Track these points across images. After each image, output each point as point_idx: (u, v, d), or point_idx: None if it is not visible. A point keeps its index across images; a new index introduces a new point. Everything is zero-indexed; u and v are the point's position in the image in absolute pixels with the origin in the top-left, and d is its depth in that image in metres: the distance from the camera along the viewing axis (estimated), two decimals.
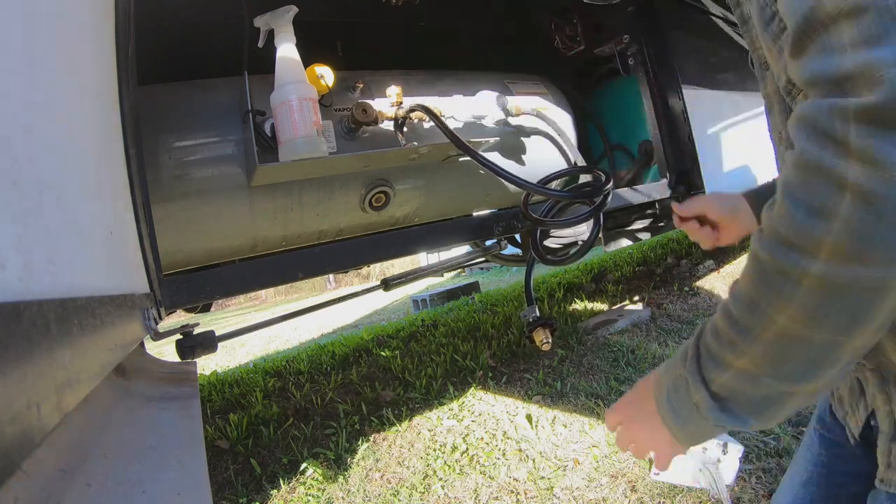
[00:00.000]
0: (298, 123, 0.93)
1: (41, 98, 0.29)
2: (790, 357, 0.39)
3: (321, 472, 1.72)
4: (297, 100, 0.93)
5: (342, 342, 3.49)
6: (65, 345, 0.23)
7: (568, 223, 1.28)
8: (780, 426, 1.50)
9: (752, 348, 0.40)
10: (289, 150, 0.96)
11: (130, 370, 0.61)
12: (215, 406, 2.52)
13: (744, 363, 0.41)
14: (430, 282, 6.79)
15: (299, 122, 0.94)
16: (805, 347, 0.38)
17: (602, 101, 1.95)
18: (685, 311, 2.66)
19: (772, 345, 0.39)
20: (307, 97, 0.95)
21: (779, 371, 0.40)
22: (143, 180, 0.79)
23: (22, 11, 0.28)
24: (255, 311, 10.98)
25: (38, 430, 0.19)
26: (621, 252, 4.58)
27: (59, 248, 0.27)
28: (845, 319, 0.36)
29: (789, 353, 0.39)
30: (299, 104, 0.93)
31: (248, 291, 1.04)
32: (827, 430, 0.63)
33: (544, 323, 1.41)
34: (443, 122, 1.11)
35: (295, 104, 0.93)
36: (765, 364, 0.40)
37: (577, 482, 1.46)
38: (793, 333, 0.38)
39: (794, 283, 0.36)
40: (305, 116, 0.93)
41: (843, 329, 0.36)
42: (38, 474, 0.28)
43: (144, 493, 0.38)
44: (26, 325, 0.19)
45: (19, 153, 0.23)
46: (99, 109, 0.52)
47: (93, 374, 0.29)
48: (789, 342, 0.38)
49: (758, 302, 0.39)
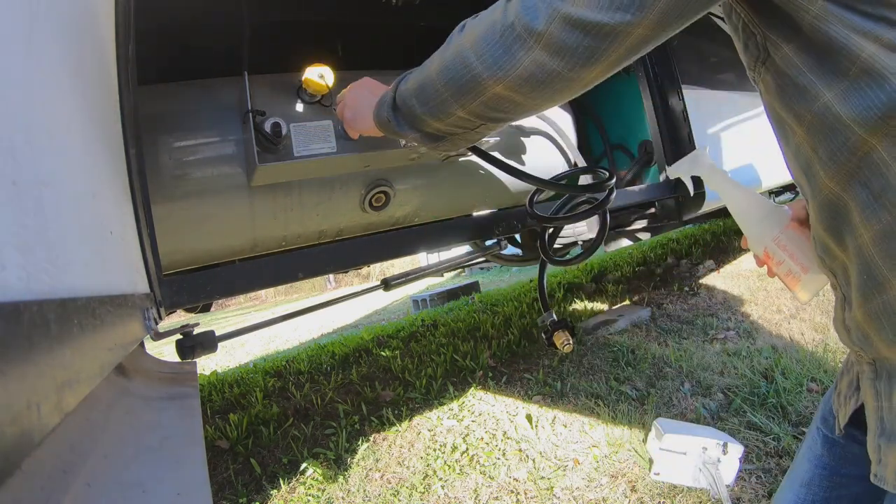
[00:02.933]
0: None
1: (41, 97, 0.29)
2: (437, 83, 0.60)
3: (321, 472, 1.72)
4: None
5: (342, 342, 3.50)
6: (65, 345, 0.23)
7: (576, 219, 1.26)
8: (780, 426, 1.50)
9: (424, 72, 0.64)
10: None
11: (130, 370, 0.61)
12: (215, 406, 2.52)
13: (412, 83, 0.65)
14: (430, 282, 6.79)
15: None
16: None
17: (602, 101, 1.95)
18: (685, 311, 2.66)
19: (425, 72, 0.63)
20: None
21: (420, 96, 0.63)
22: (143, 180, 0.79)
23: (22, 11, 0.28)
24: (255, 311, 10.98)
25: (38, 430, 0.19)
26: (621, 252, 4.58)
27: (59, 248, 0.27)
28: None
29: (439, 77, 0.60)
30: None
31: (248, 291, 1.04)
32: (830, 430, 0.62)
33: (563, 325, 1.40)
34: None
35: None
36: (415, 87, 0.64)
37: (577, 482, 1.46)
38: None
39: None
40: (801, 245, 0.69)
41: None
42: (38, 474, 0.28)
43: (144, 493, 0.37)
44: (26, 325, 0.19)
45: (19, 152, 0.23)
46: (99, 109, 0.52)
47: (93, 374, 0.29)
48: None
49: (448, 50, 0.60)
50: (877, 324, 0.45)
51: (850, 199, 0.44)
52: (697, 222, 4.55)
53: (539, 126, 1.57)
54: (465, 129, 0.64)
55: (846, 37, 0.40)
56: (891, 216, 0.41)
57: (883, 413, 0.46)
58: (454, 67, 0.58)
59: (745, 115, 1.90)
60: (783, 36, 0.45)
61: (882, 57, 0.39)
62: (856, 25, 0.40)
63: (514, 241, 2.01)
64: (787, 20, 0.44)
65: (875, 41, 0.39)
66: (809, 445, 0.66)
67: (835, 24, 0.40)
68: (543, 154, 1.59)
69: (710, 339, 2.27)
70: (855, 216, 0.44)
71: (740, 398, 1.69)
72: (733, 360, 2.00)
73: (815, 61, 0.43)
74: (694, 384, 1.88)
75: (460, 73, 0.57)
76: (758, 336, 2.20)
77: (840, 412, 0.58)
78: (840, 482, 0.61)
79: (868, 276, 0.44)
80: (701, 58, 1.79)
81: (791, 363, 1.87)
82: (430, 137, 0.68)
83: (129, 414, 0.49)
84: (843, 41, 0.40)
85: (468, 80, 0.57)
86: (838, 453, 0.61)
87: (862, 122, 0.41)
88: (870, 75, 0.40)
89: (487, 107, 0.58)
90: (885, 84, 0.39)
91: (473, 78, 0.56)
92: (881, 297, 0.44)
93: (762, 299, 2.61)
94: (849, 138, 0.42)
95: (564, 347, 1.39)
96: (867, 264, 0.44)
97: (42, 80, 0.30)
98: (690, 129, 1.64)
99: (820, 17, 0.41)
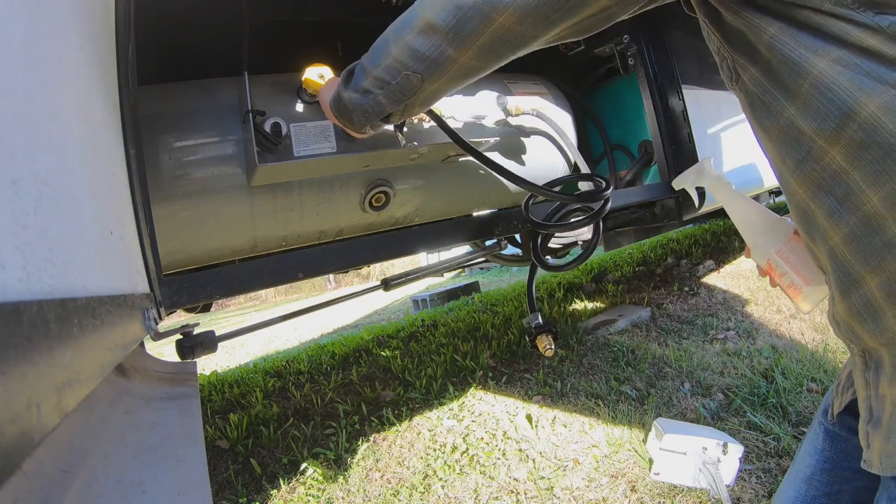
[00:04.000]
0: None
1: (41, 97, 0.29)
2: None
3: (321, 472, 1.72)
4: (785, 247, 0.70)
5: (342, 342, 3.50)
6: (65, 345, 0.23)
7: (569, 228, 1.28)
8: (780, 426, 1.50)
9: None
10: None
11: (130, 370, 0.61)
12: (215, 406, 2.52)
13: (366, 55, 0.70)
14: (430, 282, 6.79)
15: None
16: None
17: (602, 101, 1.95)
18: (685, 311, 2.66)
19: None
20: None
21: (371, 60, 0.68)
22: (143, 180, 0.79)
23: (22, 10, 0.28)
24: (255, 311, 10.98)
25: (38, 430, 0.19)
26: (621, 252, 4.58)
27: (59, 248, 0.27)
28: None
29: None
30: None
31: (248, 291, 1.04)
32: (832, 423, 0.63)
33: (547, 329, 1.41)
34: (445, 123, 1.10)
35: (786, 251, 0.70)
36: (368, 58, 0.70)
37: (577, 482, 1.46)
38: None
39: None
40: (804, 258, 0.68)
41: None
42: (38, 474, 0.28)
43: (144, 493, 0.37)
44: (26, 325, 0.19)
45: (19, 152, 0.23)
46: (99, 109, 0.52)
47: (93, 374, 0.29)
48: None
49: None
50: (858, 317, 0.47)
51: (817, 206, 0.47)
52: (697, 222, 4.55)
53: (539, 126, 1.57)
54: (394, 76, 0.67)
55: (799, 55, 0.43)
56: (856, 218, 0.44)
57: (871, 401, 0.49)
58: (402, 19, 0.65)
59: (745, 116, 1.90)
60: (748, 58, 0.49)
61: (830, 72, 0.42)
62: (807, 44, 0.43)
63: (515, 241, 2.01)
64: (750, 43, 0.48)
65: (824, 57, 0.42)
66: (811, 440, 0.66)
67: (789, 44, 0.44)
68: (543, 155, 1.59)
69: (710, 339, 2.27)
70: (823, 221, 0.47)
71: (740, 398, 1.69)
72: (733, 360, 2.00)
73: (776, 80, 0.46)
74: (694, 384, 1.88)
75: (406, 17, 0.64)
76: (758, 336, 2.20)
77: (836, 400, 0.61)
78: (842, 476, 0.62)
79: (843, 274, 0.47)
80: (701, 58, 1.78)
81: (791, 363, 1.87)
82: (363, 93, 0.72)
83: (129, 414, 0.49)
84: (796, 59, 0.44)
85: (408, 16, 0.63)
86: (840, 447, 0.62)
87: (820, 134, 0.44)
88: (819, 90, 0.43)
89: (416, 45, 0.62)
90: (834, 97, 0.42)
91: (412, 10, 0.62)
92: (858, 292, 0.46)
93: (762, 299, 2.61)
94: (812, 148, 0.45)
95: (546, 352, 1.40)
96: (841, 263, 0.47)
97: (42, 79, 0.30)
98: (690, 129, 1.64)
99: (776, 38, 0.45)
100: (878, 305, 0.45)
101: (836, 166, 0.44)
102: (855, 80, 0.41)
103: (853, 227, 0.44)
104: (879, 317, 0.45)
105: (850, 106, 0.41)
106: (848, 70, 0.41)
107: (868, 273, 0.44)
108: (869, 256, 0.44)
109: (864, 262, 0.44)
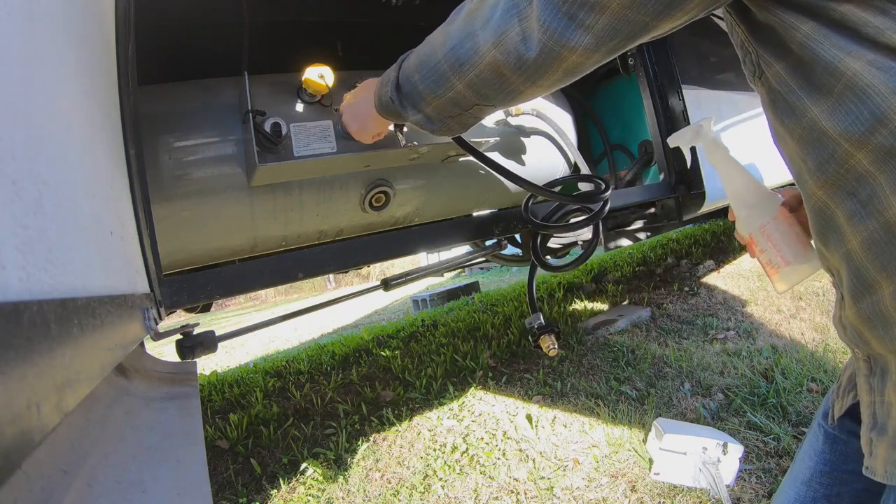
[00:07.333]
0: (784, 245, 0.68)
1: (41, 97, 0.29)
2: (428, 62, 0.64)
3: (321, 472, 1.72)
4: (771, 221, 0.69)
5: (342, 342, 3.50)
6: (65, 345, 0.23)
7: (568, 229, 1.28)
8: (780, 426, 1.50)
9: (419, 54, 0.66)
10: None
11: (130, 370, 0.61)
12: (215, 406, 2.52)
13: (415, 58, 0.67)
14: (430, 282, 6.80)
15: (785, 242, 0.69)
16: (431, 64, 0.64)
17: (602, 101, 1.95)
18: (685, 311, 2.66)
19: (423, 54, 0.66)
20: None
21: (422, 71, 0.65)
22: (143, 180, 0.79)
23: (22, 10, 0.28)
24: (255, 311, 10.98)
25: (38, 430, 0.19)
26: (621, 252, 4.58)
27: (58, 248, 0.27)
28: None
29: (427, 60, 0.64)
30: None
31: (248, 291, 1.04)
32: (832, 426, 0.63)
33: (550, 329, 1.41)
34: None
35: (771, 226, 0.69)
36: (417, 65, 0.66)
37: (577, 482, 1.46)
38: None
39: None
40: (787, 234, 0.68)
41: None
42: (38, 474, 0.28)
43: (144, 493, 0.37)
44: (26, 325, 0.19)
45: (19, 152, 0.23)
46: (99, 109, 0.52)
47: (93, 374, 0.29)
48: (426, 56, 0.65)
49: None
50: (868, 323, 0.47)
51: (837, 207, 0.46)
52: (697, 222, 4.55)
53: (539, 126, 1.57)
54: (460, 109, 0.66)
55: (833, 55, 0.42)
56: (877, 223, 0.43)
57: (875, 408, 0.48)
58: (457, 36, 0.60)
59: (745, 115, 1.90)
60: (775, 55, 0.48)
61: (865, 74, 0.41)
62: (841, 45, 0.42)
63: (515, 240, 2.01)
64: (780, 40, 0.46)
65: (859, 59, 0.41)
66: (811, 442, 0.66)
67: (822, 43, 0.43)
68: (543, 155, 1.59)
69: (710, 339, 2.27)
70: (843, 223, 0.46)
71: (740, 398, 1.69)
72: (733, 360, 2.00)
73: (804, 79, 0.45)
74: (694, 384, 1.88)
75: (462, 41, 0.59)
76: (758, 336, 2.20)
77: (837, 403, 0.60)
78: (841, 478, 0.61)
79: (857, 279, 0.46)
80: (701, 58, 1.79)
81: (791, 363, 1.87)
82: (428, 120, 0.70)
83: (129, 414, 0.49)
84: (829, 59, 0.43)
85: (468, 48, 0.58)
86: (840, 449, 0.61)
87: (847, 137, 0.43)
88: (853, 92, 0.42)
89: (482, 80, 0.60)
90: (868, 100, 0.41)
91: (474, 45, 0.58)
92: (871, 298, 0.46)
93: (762, 299, 2.61)
94: (835, 151, 0.44)
95: (550, 351, 1.40)
96: (856, 268, 0.46)
97: (42, 79, 0.30)
98: None
99: (809, 36, 0.43)
100: (889, 313, 0.44)
101: (862, 169, 0.43)
102: (890, 84, 0.40)
103: (873, 231, 0.44)
104: (890, 324, 0.44)
105: (883, 110, 0.40)
106: (883, 73, 0.40)
107: (884, 279, 0.44)
108: (886, 262, 0.43)
109: (880, 268, 0.44)
